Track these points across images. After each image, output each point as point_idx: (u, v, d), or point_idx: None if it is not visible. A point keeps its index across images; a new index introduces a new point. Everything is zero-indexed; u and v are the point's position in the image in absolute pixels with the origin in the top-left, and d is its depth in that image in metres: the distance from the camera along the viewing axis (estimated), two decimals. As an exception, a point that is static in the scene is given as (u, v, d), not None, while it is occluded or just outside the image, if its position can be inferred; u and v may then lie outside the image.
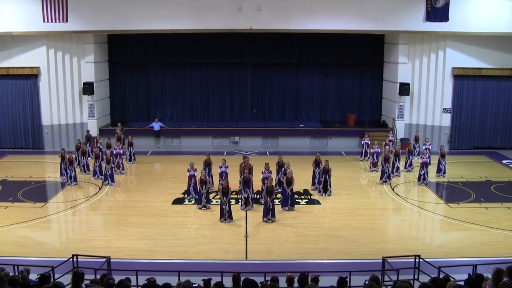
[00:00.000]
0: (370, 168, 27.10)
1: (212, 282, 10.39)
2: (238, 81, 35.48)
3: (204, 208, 20.82)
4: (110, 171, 24.41)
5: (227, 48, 34.10)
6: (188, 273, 12.55)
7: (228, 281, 10.73)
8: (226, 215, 19.41)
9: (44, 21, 28.62)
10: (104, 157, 24.75)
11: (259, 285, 10.10)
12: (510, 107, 31.68)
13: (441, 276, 11.48)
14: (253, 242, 17.66)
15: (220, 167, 22.55)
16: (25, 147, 31.44)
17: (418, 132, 30.30)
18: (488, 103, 31.52)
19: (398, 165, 26.06)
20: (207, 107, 35.64)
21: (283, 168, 22.09)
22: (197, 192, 21.41)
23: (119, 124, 31.13)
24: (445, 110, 31.41)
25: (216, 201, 21.18)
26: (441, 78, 30.98)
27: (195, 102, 35.57)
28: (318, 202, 22.08)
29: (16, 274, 11.20)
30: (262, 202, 20.14)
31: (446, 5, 28.62)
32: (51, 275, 12.73)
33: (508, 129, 31.94)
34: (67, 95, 31.49)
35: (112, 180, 24.46)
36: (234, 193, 21.50)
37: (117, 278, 9.89)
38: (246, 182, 20.76)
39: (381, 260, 14.59)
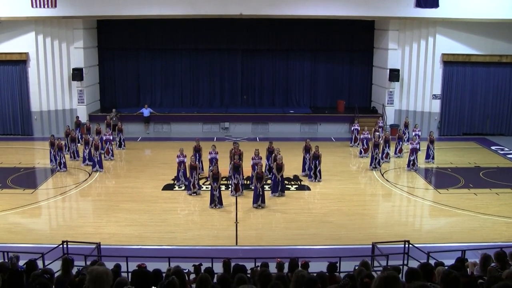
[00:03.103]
0: (360, 154, 27.17)
1: (203, 268, 10.42)
2: (228, 67, 35.37)
3: (194, 194, 20.82)
4: (98, 157, 24.34)
5: (217, 34, 33.95)
6: (179, 259, 12.59)
7: (218, 266, 10.76)
8: (216, 201, 19.43)
9: (32, 6, 28.32)
10: (93, 143, 24.61)
11: (249, 270, 10.13)
12: (499, 93, 31.79)
13: (432, 262, 11.54)
14: (243, 228, 17.71)
15: (210, 153, 22.58)
16: (14, 134, 31.29)
17: (408, 118, 30.36)
18: (478, 89, 31.62)
19: (388, 151, 26.14)
20: (197, 93, 35.55)
21: (273, 154, 22.09)
22: (187, 178, 21.41)
23: (114, 110, 31.02)
24: (434, 96, 31.50)
25: (206, 187, 21.20)
26: (431, 64, 31.04)
27: (185, 88, 35.46)
28: (308, 188, 22.15)
29: (6, 260, 11.18)
30: (252, 188, 20.18)
31: (436, -9, 28.63)
32: (42, 261, 12.73)
33: (497, 115, 32.06)
34: (56, 81, 31.31)
35: (101, 166, 24.39)
36: (224, 179, 21.50)
37: (107, 264, 9.88)
38: (236, 168, 20.77)
39: (370, 246, 14.69)
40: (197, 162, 21.68)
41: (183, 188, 21.71)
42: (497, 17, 28.80)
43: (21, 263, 10.43)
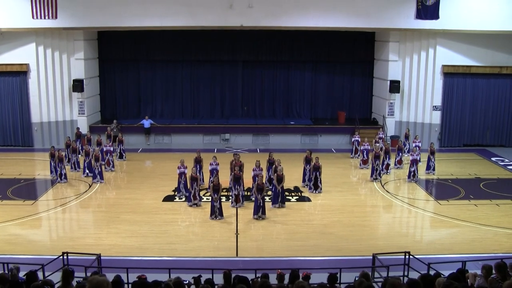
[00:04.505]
0: (360, 165, 27.17)
1: (203, 279, 10.40)
2: (229, 78, 35.43)
3: (195, 206, 20.81)
4: (99, 169, 24.34)
5: (218, 45, 34.04)
6: (179, 270, 12.59)
7: (219, 278, 10.74)
8: (217, 212, 19.40)
9: (33, 17, 28.46)
10: (93, 154, 24.61)
11: (250, 281, 10.11)
12: (500, 104, 31.83)
13: (433, 273, 11.53)
14: (243, 239, 17.67)
15: (211, 164, 22.60)
16: (14, 145, 31.29)
17: (408, 130, 30.37)
18: (478, 100, 31.66)
19: (389, 162, 26.14)
20: (197, 104, 35.60)
21: (274, 165, 22.11)
22: (187, 190, 21.40)
23: (115, 121, 31.07)
24: (435, 108, 31.53)
25: (207, 198, 21.18)
26: (431, 75, 31.10)
27: (185, 99, 35.51)
28: (308, 199, 22.12)
29: (6, 272, 11.16)
30: (253, 199, 20.17)
31: (437, 3, 28.71)
32: (42, 272, 12.70)
33: (497, 126, 32.08)
34: (57, 92, 31.35)
35: (101, 178, 24.39)
36: (224, 190, 21.49)
37: (107, 275, 9.86)
38: (237, 179, 20.78)
39: (371, 257, 14.64)
40: (197, 174, 21.69)
41: (183, 199, 21.69)
42: (497, 29, 28.93)
43: (21, 274, 10.40)
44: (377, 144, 26.45)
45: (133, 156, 29.32)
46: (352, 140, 29.73)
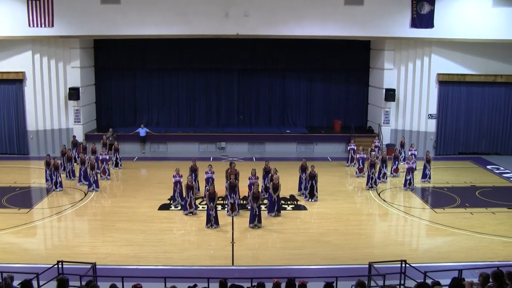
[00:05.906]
0: (356, 173, 27.17)
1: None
2: (225, 86, 35.45)
3: (191, 214, 20.77)
4: (95, 177, 24.29)
5: (213, 54, 34.09)
6: (174, 279, 12.52)
7: (214, 287, 10.71)
8: (212, 221, 19.37)
9: (29, 25, 28.47)
10: (89, 162, 24.56)
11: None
12: (494, 112, 31.91)
13: (429, 281, 11.52)
14: (239, 248, 17.64)
15: (207, 172, 22.56)
16: (9, 153, 31.18)
17: (403, 138, 30.42)
18: (473, 109, 31.74)
19: (385, 171, 26.14)
20: (193, 112, 35.58)
21: (270, 174, 22.09)
22: (183, 198, 21.37)
23: (110, 129, 31.01)
24: (430, 116, 31.59)
25: (203, 207, 21.14)
26: (427, 84, 31.19)
27: (181, 107, 35.50)
28: (304, 208, 22.09)
29: (0, 281, 11.11)
30: (249, 208, 20.13)
31: (431, 12, 28.86)
32: (37, 281, 12.65)
33: (492, 134, 32.15)
34: (53, 100, 31.30)
35: (97, 186, 24.33)
36: (220, 198, 21.46)
37: (103, 284, 9.84)
38: (233, 188, 20.75)
39: (367, 265, 14.63)
40: (193, 182, 21.66)
41: (179, 208, 21.64)
42: (492, 38, 29.06)
43: (16, 283, 10.36)
44: (373, 153, 26.48)
45: (128, 165, 29.27)
46: (348, 148, 29.75)
